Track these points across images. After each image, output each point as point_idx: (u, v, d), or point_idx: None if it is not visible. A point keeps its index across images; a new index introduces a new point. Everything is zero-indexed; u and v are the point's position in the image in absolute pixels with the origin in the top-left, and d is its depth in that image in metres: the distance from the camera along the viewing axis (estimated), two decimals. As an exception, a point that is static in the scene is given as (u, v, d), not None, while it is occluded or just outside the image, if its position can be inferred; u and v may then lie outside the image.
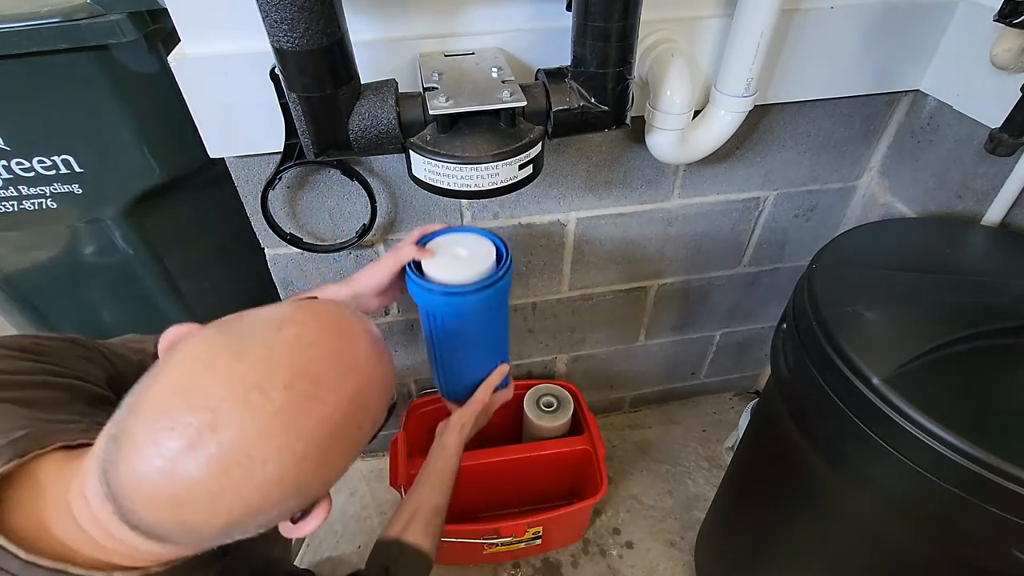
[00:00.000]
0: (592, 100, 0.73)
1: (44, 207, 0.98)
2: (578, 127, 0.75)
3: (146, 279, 1.14)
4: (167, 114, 0.93)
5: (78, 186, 0.97)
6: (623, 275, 1.20)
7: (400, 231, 1.01)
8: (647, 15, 0.69)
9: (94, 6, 0.84)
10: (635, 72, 0.74)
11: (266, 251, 0.99)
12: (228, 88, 0.75)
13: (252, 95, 0.75)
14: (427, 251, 0.75)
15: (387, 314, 1.16)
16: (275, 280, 1.04)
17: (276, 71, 0.67)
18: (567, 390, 1.28)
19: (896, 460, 0.59)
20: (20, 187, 0.96)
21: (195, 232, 1.17)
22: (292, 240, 0.93)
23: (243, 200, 0.91)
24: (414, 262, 0.76)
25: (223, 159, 0.85)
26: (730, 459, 1.23)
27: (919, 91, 0.98)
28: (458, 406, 0.85)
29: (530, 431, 1.26)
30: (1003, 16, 0.73)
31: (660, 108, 0.82)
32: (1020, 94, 0.77)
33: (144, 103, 0.94)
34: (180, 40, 0.73)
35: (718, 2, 0.82)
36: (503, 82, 0.71)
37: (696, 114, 0.87)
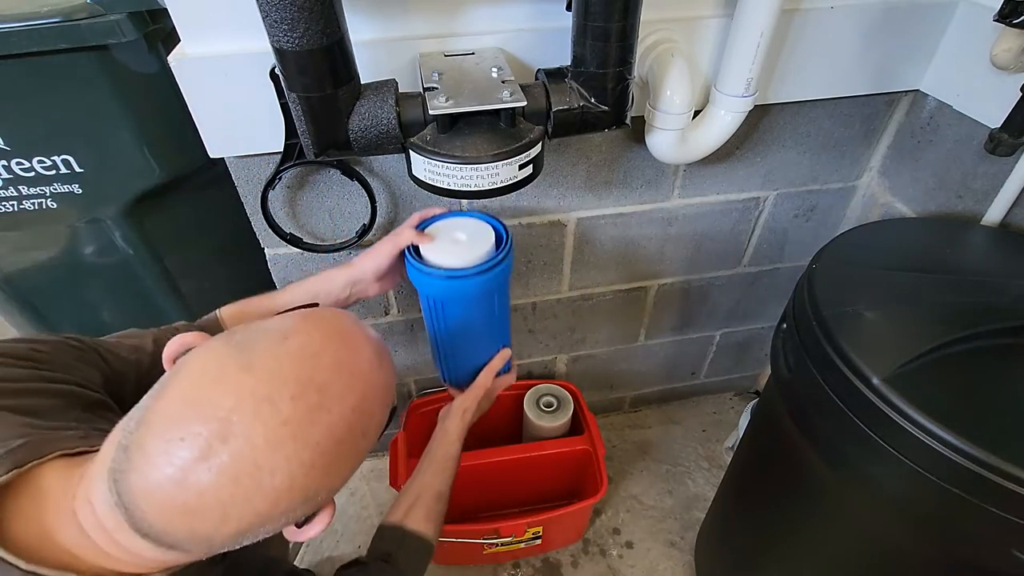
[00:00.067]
0: (592, 100, 0.73)
1: (44, 207, 0.99)
2: (578, 127, 0.75)
3: (146, 279, 1.14)
4: (167, 114, 0.93)
5: (78, 186, 0.97)
6: (623, 275, 1.20)
7: (400, 231, 1.01)
8: (647, 15, 0.69)
9: (94, 6, 0.84)
10: (635, 72, 0.74)
11: (266, 251, 0.99)
12: (228, 88, 0.75)
13: (252, 95, 0.75)
14: (426, 235, 0.75)
15: (387, 314, 1.16)
16: (275, 280, 1.04)
17: (276, 71, 0.67)
18: (567, 390, 1.28)
19: (896, 460, 0.59)
20: (20, 187, 0.96)
21: (195, 232, 1.17)
22: (292, 240, 0.93)
23: (243, 200, 0.91)
24: (413, 246, 0.75)
25: (223, 159, 0.85)
26: (730, 459, 1.23)
27: (919, 91, 0.98)
28: (460, 391, 0.85)
29: (530, 431, 1.26)
30: (1003, 16, 0.73)
31: (660, 108, 0.82)
32: (1020, 94, 0.77)
33: (144, 103, 0.94)
34: (180, 40, 0.73)
35: (718, 2, 0.82)
36: (503, 82, 0.71)
37: (696, 114, 0.87)
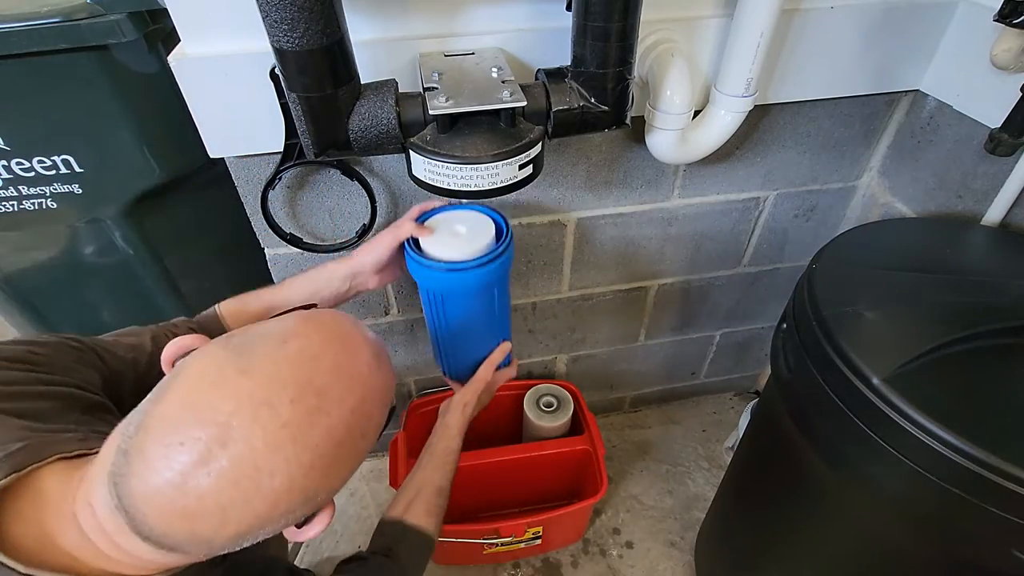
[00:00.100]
0: (592, 100, 0.73)
1: (44, 207, 0.99)
2: (578, 127, 0.75)
3: (146, 279, 1.14)
4: (167, 114, 0.93)
5: (78, 186, 0.97)
6: (623, 275, 1.20)
7: (400, 231, 1.01)
8: (647, 15, 0.69)
9: (94, 6, 0.84)
10: (635, 72, 0.74)
11: (266, 251, 0.99)
12: (228, 88, 0.75)
13: (252, 95, 0.75)
14: (426, 228, 0.75)
15: (387, 314, 1.16)
16: (275, 280, 1.04)
17: (276, 71, 0.67)
18: (567, 390, 1.28)
19: (896, 460, 0.59)
20: (20, 187, 0.96)
21: (195, 232, 1.17)
22: (292, 240, 0.93)
23: (243, 200, 0.91)
24: (413, 239, 0.75)
25: (223, 159, 0.85)
26: (730, 459, 1.23)
27: (919, 91, 0.98)
28: (460, 385, 0.85)
29: (530, 431, 1.26)
30: (1003, 16, 0.73)
31: (660, 108, 0.82)
32: (1020, 94, 0.77)
33: (144, 103, 0.94)
34: (180, 40, 0.73)
35: (718, 2, 0.82)
36: (503, 82, 0.71)
37: (696, 114, 0.87)
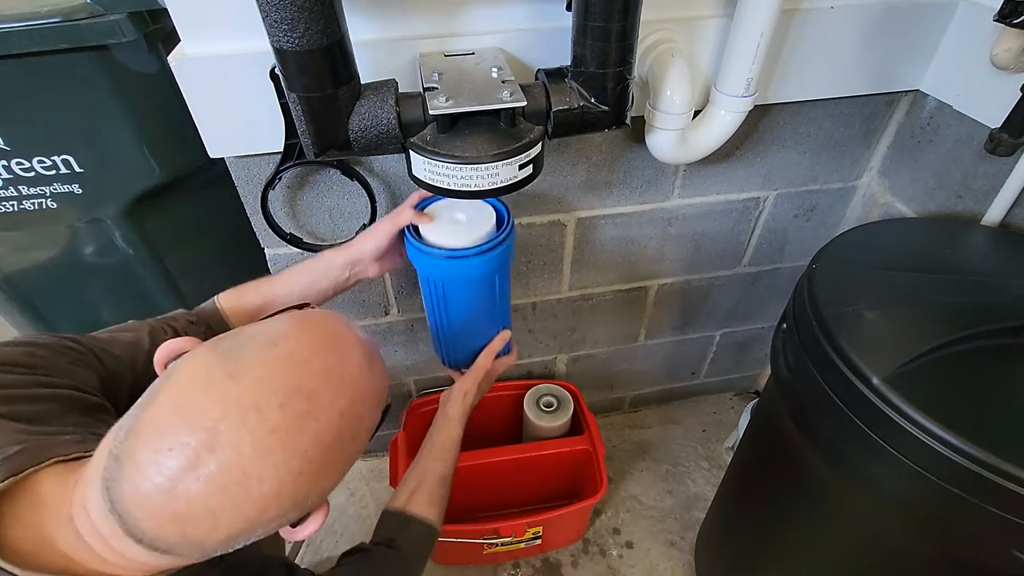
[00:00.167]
0: (592, 100, 0.73)
1: (44, 207, 0.99)
2: (578, 127, 0.75)
3: (146, 279, 1.14)
4: (167, 114, 0.93)
5: (78, 186, 0.97)
6: (623, 275, 1.20)
7: (400, 231, 1.01)
8: (647, 15, 0.69)
9: (94, 6, 0.84)
10: (635, 72, 0.73)
11: (266, 251, 0.99)
12: (228, 88, 0.75)
13: (252, 95, 0.75)
14: (426, 215, 0.75)
15: (387, 314, 1.15)
16: (275, 280, 1.04)
17: (276, 71, 0.67)
18: (567, 390, 1.28)
19: (896, 460, 0.59)
20: (20, 187, 0.96)
21: (195, 232, 1.17)
22: (292, 240, 0.93)
23: (243, 200, 0.91)
24: (413, 226, 0.75)
25: (223, 159, 0.85)
26: (730, 459, 1.23)
27: (919, 91, 0.98)
28: (460, 374, 0.85)
29: (530, 431, 1.26)
30: (1003, 16, 0.73)
31: (660, 108, 0.82)
32: (1020, 94, 0.77)
33: (144, 103, 0.94)
34: (180, 40, 0.73)
35: (718, 2, 0.82)
36: (503, 82, 0.71)
37: (696, 114, 0.87)
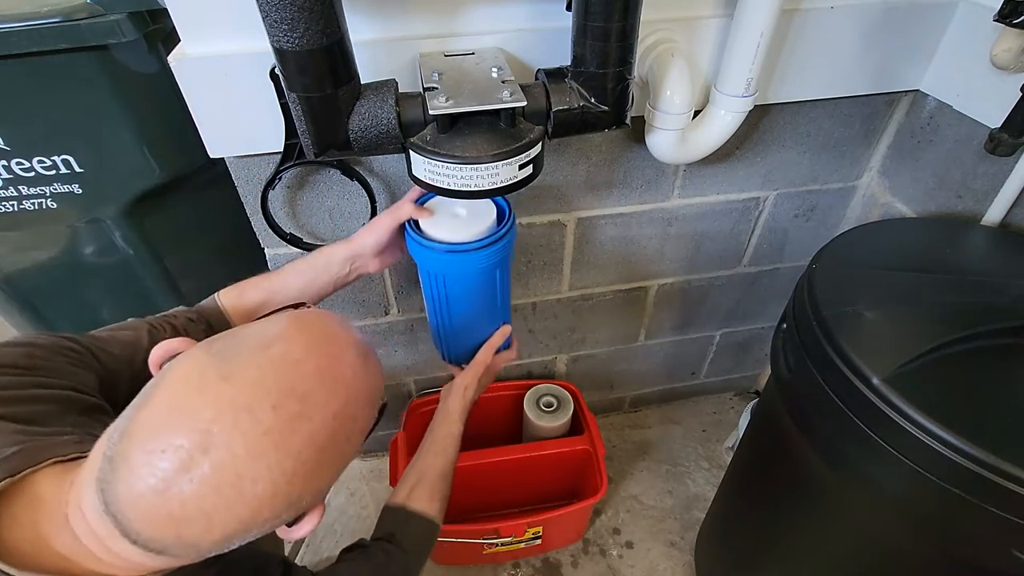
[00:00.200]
0: (592, 100, 0.73)
1: (44, 207, 0.99)
2: (578, 127, 0.75)
3: (146, 279, 1.14)
4: (167, 114, 0.93)
5: (78, 186, 0.97)
6: (623, 275, 1.20)
7: (400, 231, 1.01)
8: (647, 15, 0.69)
9: (94, 6, 0.84)
10: (635, 72, 0.73)
11: (266, 251, 0.99)
12: (228, 88, 0.75)
13: (252, 95, 0.75)
14: (426, 210, 0.75)
15: (387, 314, 1.15)
16: (275, 280, 1.04)
17: (276, 71, 0.67)
18: (567, 390, 1.28)
19: (896, 460, 0.59)
20: (20, 187, 0.96)
21: (195, 232, 1.17)
22: (292, 240, 0.93)
23: (243, 200, 0.91)
24: (413, 220, 0.75)
25: (223, 159, 0.85)
26: (730, 459, 1.23)
27: (919, 91, 0.98)
28: (460, 369, 0.85)
29: (530, 431, 1.26)
30: (1003, 16, 0.73)
31: (660, 108, 0.82)
32: (1020, 94, 0.77)
33: (144, 103, 0.94)
34: (180, 40, 0.73)
35: (718, 2, 0.82)
36: (503, 82, 0.71)
37: (696, 114, 0.87)
